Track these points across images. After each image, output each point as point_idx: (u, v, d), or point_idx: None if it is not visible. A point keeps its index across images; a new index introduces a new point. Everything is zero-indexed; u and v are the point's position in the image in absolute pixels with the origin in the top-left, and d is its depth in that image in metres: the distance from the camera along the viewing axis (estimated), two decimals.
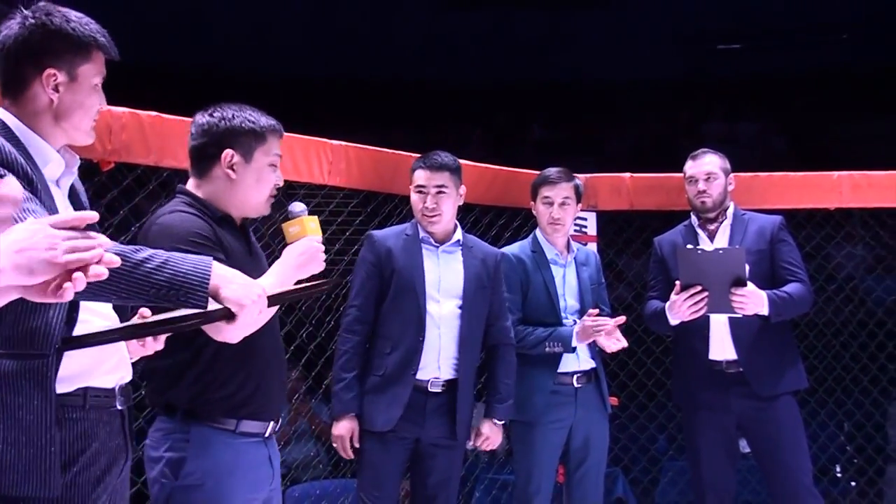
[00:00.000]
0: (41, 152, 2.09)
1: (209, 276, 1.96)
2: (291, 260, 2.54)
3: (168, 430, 2.60)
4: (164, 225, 2.57)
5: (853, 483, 5.94)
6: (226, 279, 2.00)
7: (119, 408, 2.15)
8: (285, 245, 2.61)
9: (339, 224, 4.32)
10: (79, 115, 2.12)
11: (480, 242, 3.93)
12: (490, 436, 3.82)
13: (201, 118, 2.71)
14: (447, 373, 3.64)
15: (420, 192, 3.69)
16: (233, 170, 2.65)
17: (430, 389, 3.61)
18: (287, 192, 2.97)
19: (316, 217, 2.66)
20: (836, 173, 4.89)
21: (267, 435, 2.70)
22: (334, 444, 3.58)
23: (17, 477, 1.93)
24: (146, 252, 1.94)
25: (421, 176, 3.70)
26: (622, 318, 3.99)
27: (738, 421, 4.01)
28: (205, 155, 2.68)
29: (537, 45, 13.99)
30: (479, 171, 4.78)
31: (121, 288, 1.89)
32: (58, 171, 2.13)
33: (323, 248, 2.61)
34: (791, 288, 3.95)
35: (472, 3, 14.62)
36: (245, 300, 1.99)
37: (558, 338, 3.97)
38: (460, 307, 3.68)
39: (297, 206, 2.64)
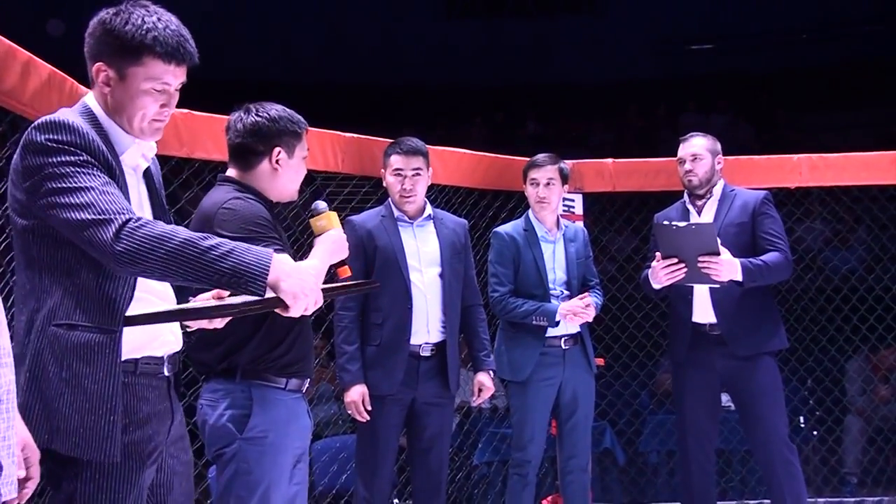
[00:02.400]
0: (119, 140, 2.04)
1: (269, 268, 1.90)
2: (327, 247, 2.58)
3: (227, 391, 2.66)
4: (231, 209, 2.61)
5: (815, 432, 5.93)
6: (285, 272, 1.93)
7: (167, 374, 2.12)
8: (311, 234, 2.66)
9: (353, 206, 4.30)
10: (128, 112, 2.02)
11: (448, 214, 3.90)
12: (489, 385, 3.81)
13: (249, 118, 2.73)
14: (435, 336, 3.62)
15: (397, 175, 3.64)
16: (278, 164, 2.72)
17: (421, 354, 3.59)
18: (305, 180, 2.96)
19: (335, 213, 2.71)
20: (795, 156, 4.84)
21: (304, 390, 2.78)
22: (349, 410, 3.57)
23: (78, 440, 1.91)
24: (214, 240, 1.89)
25: (397, 160, 3.64)
26: (590, 317, 4.00)
27: (722, 378, 3.97)
28: (253, 150, 2.72)
29: (530, 49, 13.95)
30: (476, 159, 4.76)
31: (188, 271, 1.86)
32: (136, 157, 2.08)
33: (346, 237, 2.66)
34: (767, 256, 3.86)
35: (470, 13, 14.57)
36: (301, 294, 1.95)
37: (544, 313, 3.96)
38: (440, 274, 3.65)
39: (322, 204, 2.69)
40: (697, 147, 4.03)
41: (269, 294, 1.95)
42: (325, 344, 4.61)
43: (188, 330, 2.23)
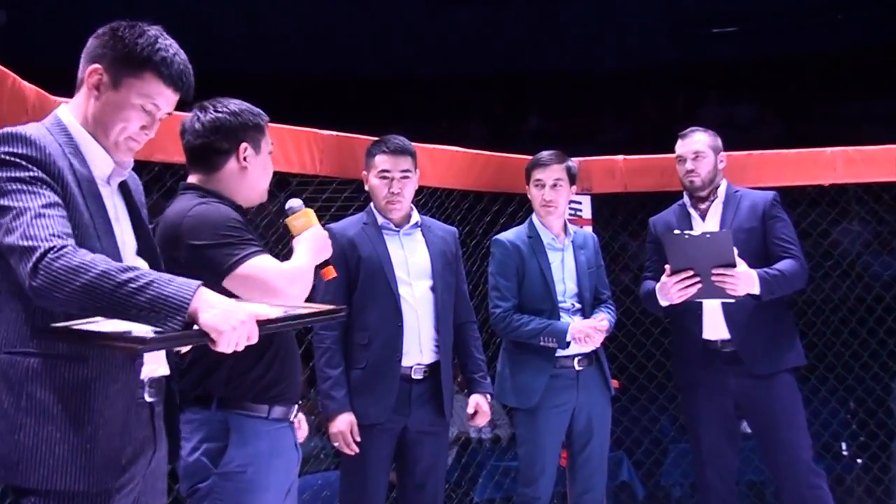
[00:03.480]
0: (91, 151, 2.16)
1: (189, 300, 1.95)
2: (311, 246, 2.65)
3: (202, 420, 2.68)
4: (199, 216, 2.62)
5: (858, 459, 5.93)
6: (208, 304, 1.97)
7: (148, 400, 2.18)
8: (289, 237, 2.71)
9: (334, 213, 4.31)
10: (109, 121, 2.16)
11: (436, 221, 3.92)
12: (485, 410, 3.81)
13: (207, 115, 2.77)
14: (429, 356, 3.62)
15: (384, 177, 3.65)
16: (246, 161, 2.75)
17: (413, 377, 3.59)
18: (280, 183, 2.99)
19: (312, 210, 2.76)
20: (829, 149, 4.85)
21: (291, 419, 2.79)
22: (334, 443, 3.56)
23: (47, 472, 1.98)
24: (134, 272, 1.95)
25: (383, 161, 3.65)
26: (597, 345, 4.01)
27: (736, 400, 4.00)
28: (217, 150, 2.75)
29: (531, 35, 13.98)
30: (470, 158, 4.76)
31: (104, 306, 1.93)
32: (107, 169, 2.19)
33: (326, 234, 2.72)
34: (783, 265, 3.91)
35: None
36: (223, 326, 1.96)
37: (553, 332, 3.96)
38: (432, 287, 3.66)
39: (296, 201, 2.74)
40: (699, 143, 4.07)
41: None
42: (303, 368, 4.59)
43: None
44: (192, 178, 2.80)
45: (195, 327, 1.97)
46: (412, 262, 3.67)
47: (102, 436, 2.04)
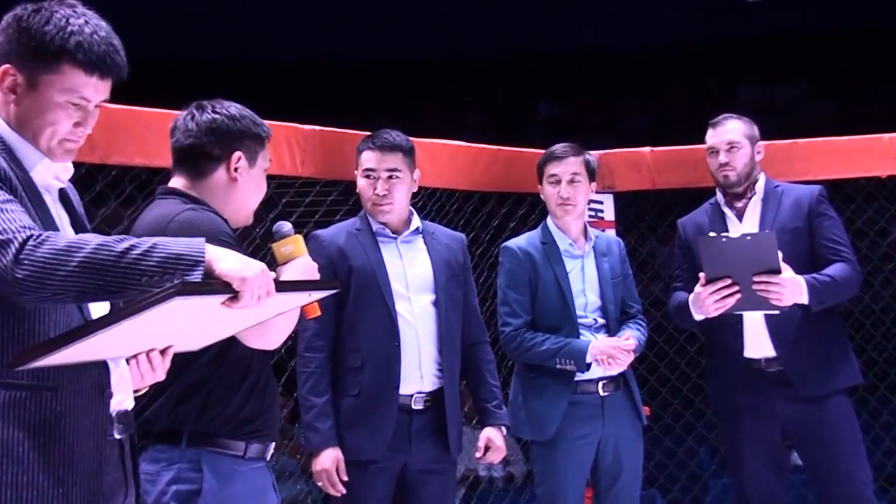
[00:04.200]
0: (27, 156, 2.16)
1: (204, 253, 1.99)
2: (296, 279, 2.66)
3: (171, 460, 2.70)
4: (187, 222, 2.65)
5: None
6: (220, 255, 2.02)
7: (117, 437, 2.19)
8: (274, 266, 2.73)
9: (318, 219, 4.33)
10: (35, 126, 2.16)
11: (440, 227, 3.95)
12: (499, 445, 3.80)
13: (204, 115, 2.83)
14: (430, 383, 3.64)
15: (368, 176, 3.69)
16: (237, 172, 2.81)
17: (413, 407, 3.61)
18: None
19: (301, 237, 2.80)
20: (886, 135, 4.88)
21: (268, 458, 2.83)
22: (318, 482, 3.57)
23: None
24: (131, 240, 1.98)
25: (369, 158, 3.69)
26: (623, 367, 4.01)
27: (784, 427, 4.01)
28: (208, 155, 2.81)
29: (540, 9, 14.00)
30: (474, 153, 4.79)
31: (109, 281, 1.94)
32: (47, 175, 2.20)
33: (316, 265, 2.75)
34: (834, 269, 3.92)
35: None
36: (245, 272, 2.01)
37: (570, 353, 3.96)
38: (434, 302, 3.68)
39: (286, 226, 2.77)
40: (734, 133, 4.10)
41: None
42: (286, 400, 4.60)
43: (136, 393, 2.30)
44: (175, 183, 2.85)
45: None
46: (411, 274, 3.69)
47: (77, 479, 2.05)
